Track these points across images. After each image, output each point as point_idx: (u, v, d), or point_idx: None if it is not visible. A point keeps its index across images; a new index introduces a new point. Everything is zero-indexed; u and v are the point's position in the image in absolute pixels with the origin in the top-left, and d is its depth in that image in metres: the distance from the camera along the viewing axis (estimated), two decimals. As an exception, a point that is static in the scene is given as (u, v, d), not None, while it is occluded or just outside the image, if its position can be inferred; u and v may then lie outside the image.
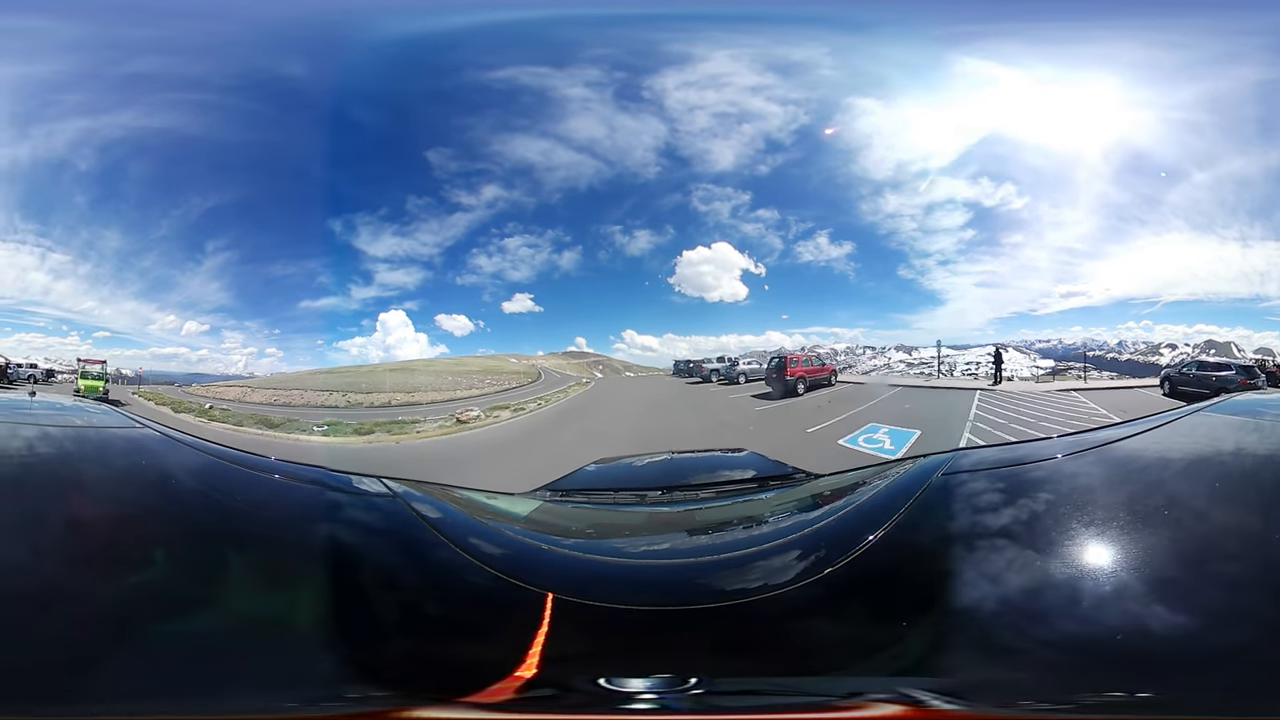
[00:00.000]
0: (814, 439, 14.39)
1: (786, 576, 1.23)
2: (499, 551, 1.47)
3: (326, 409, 15.73)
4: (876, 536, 1.28)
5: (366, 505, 1.64)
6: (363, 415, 15.21)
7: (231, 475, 1.71)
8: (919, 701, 0.91)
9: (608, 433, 14.73)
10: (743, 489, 2.13)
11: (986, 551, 1.19)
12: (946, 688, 0.93)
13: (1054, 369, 18.61)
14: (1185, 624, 0.99)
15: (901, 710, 0.90)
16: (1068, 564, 1.12)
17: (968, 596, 1.07)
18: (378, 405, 16.04)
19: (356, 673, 1.03)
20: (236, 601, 1.13)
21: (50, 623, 0.97)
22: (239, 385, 16.94)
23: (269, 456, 1.84)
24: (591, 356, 22.03)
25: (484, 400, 16.81)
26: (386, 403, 16.29)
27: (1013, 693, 0.94)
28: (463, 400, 17.02)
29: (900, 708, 0.91)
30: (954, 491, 1.50)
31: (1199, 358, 16.78)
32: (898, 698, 0.92)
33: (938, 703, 0.91)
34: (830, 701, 0.96)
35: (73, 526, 1.23)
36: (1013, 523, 1.30)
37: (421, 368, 18.12)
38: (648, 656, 1.06)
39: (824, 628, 1.12)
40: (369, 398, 16.36)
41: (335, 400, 16.32)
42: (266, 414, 15.32)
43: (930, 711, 0.90)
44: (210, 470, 1.70)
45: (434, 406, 16.21)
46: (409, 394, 16.74)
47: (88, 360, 15.95)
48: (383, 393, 16.54)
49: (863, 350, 19.58)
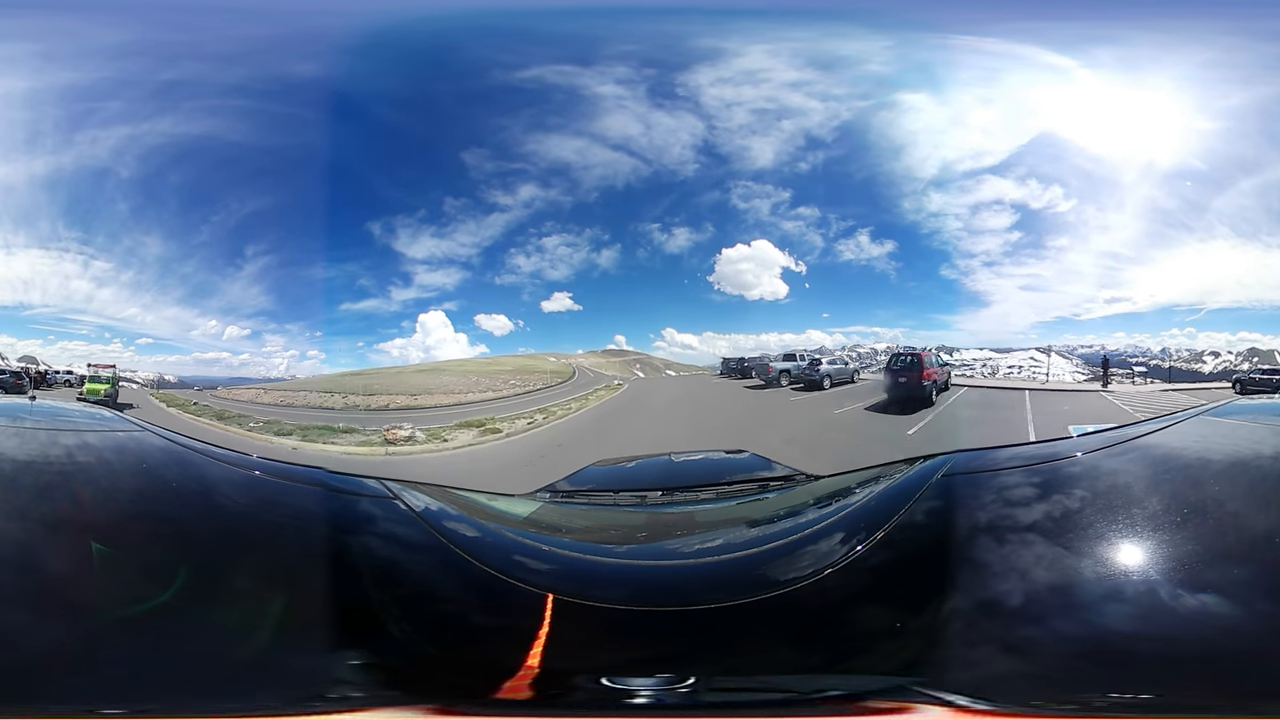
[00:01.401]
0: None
1: (786, 577, 1.23)
2: (499, 552, 1.47)
3: (320, 410, 15.70)
4: (876, 538, 1.28)
5: (366, 506, 1.64)
6: (348, 418, 15.07)
7: (232, 477, 1.72)
8: (917, 701, 0.91)
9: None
10: (743, 491, 2.13)
11: (986, 553, 1.19)
12: (945, 687, 0.93)
13: (1099, 374, 18.62)
14: (1185, 624, 0.99)
15: (899, 709, 0.90)
16: (1067, 564, 1.12)
17: (966, 597, 1.07)
18: (374, 409, 15.97)
19: (357, 673, 1.03)
20: (236, 602, 1.13)
21: (51, 622, 0.97)
22: (257, 388, 17.01)
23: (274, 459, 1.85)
24: (631, 355, 21.27)
25: (487, 408, 16.33)
26: (385, 406, 16.23)
27: (1011, 692, 0.94)
28: (470, 405, 16.65)
29: (898, 707, 0.91)
30: (954, 493, 1.50)
31: (1260, 365, 17.10)
32: (896, 697, 0.92)
33: (935, 702, 0.91)
34: (828, 701, 0.97)
35: (71, 527, 1.23)
36: (1013, 524, 1.31)
37: (452, 368, 18.09)
38: (647, 656, 1.06)
39: (823, 628, 1.13)
40: (367, 400, 16.31)
41: (335, 402, 16.30)
42: (254, 414, 15.34)
43: (928, 711, 0.90)
44: (211, 472, 1.70)
45: (428, 413, 15.94)
46: (413, 396, 16.66)
47: (99, 366, 16.15)
48: (384, 395, 16.48)
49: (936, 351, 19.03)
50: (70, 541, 1.18)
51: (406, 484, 1.74)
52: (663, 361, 21.10)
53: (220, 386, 17.40)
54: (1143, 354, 18.23)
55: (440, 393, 16.94)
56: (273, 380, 17.07)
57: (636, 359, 21.15)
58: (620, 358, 21.10)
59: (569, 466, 2.45)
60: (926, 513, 1.41)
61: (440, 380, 17.52)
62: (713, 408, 17.48)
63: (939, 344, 18.55)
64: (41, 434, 1.76)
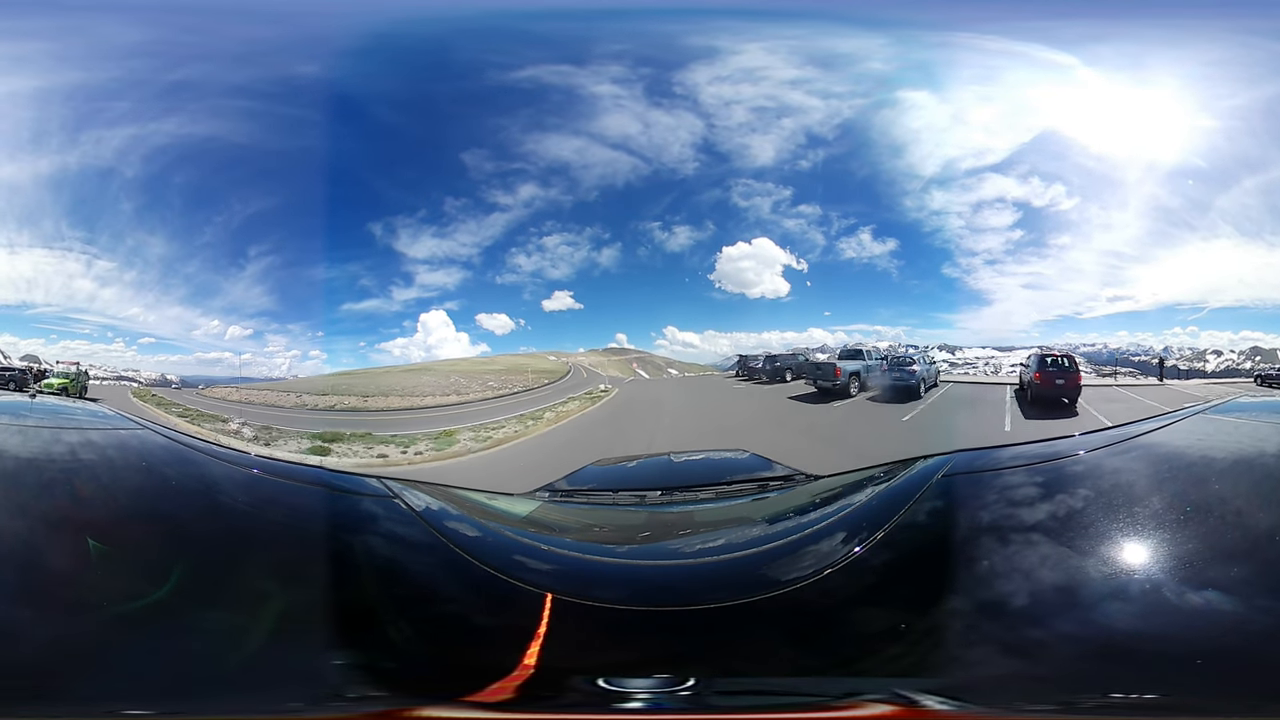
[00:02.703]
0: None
1: (786, 578, 1.23)
2: (499, 552, 1.47)
3: (270, 410, 15.73)
4: (877, 538, 1.28)
5: (367, 505, 1.65)
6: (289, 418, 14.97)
7: (232, 476, 1.72)
8: (915, 702, 0.91)
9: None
10: (743, 490, 2.13)
11: (986, 553, 1.19)
12: (944, 688, 0.93)
13: (1114, 371, 18.64)
14: (1189, 623, 0.98)
15: (897, 710, 0.90)
16: (1069, 564, 1.12)
17: (967, 598, 1.07)
18: (321, 409, 15.90)
19: (357, 673, 1.03)
20: (236, 601, 1.13)
21: (51, 622, 0.98)
22: (229, 388, 17.09)
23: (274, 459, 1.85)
24: (633, 353, 20.90)
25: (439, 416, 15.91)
26: (332, 407, 16.17)
27: (1011, 693, 0.94)
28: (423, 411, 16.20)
29: (897, 708, 0.91)
30: (954, 493, 1.50)
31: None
32: (895, 698, 0.92)
33: (934, 703, 0.91)
34: (827, 702, 0.97)
35: (71, 524, 1.23)
36: (1013, 524, 1.30)
37: (438, 368, 18.08)
38: (646, 656, 1.06)
39: (822, 629, 1.12)
40: (316, 400, 16.25)
41: (288, 401, 16.31)
42: (220, 412, 15.42)
43: (926, 712, 0.90)
44: (212, 471, 1.70)
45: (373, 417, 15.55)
46: (364, 399, 16.54)
47: (65, 364, 16.39)
48: (334, 395, 16.40)
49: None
50: (71, 539, 1.19)
51: (406, 483, 1.74)
52: (664, 360, 20.68)
53: (203, 385, 17.51)
54: (1145, 352, 18.21)
55: (397, 395, 16.76)
56: (275, 380, 17.13)
57: (638, 357, 20.87)
58: (622, 356, 20.86)
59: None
60: (927, 513, 1.41)
61: (419, 380, 17.46)
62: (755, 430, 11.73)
63: (940, 343, 18.47)
64: (43, 431, 1.76)
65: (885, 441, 10.59)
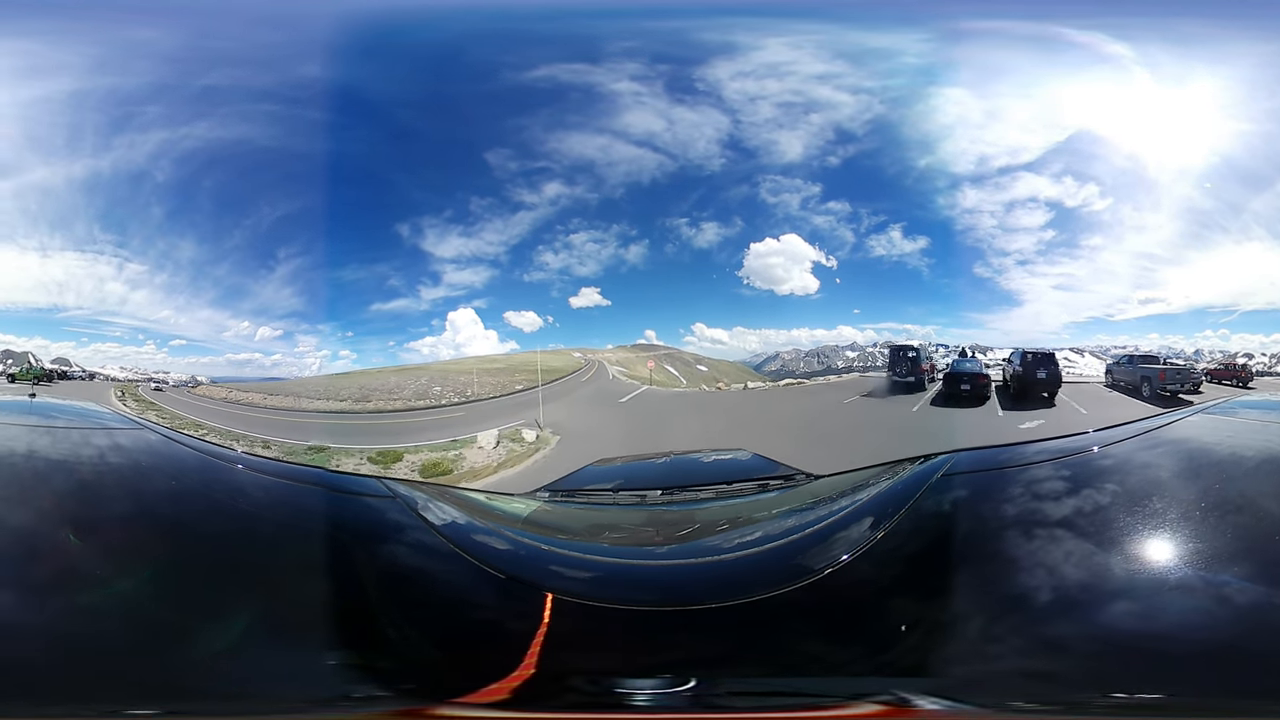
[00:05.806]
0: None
1: (786, 577, 1.22)
2: (499, 552, 1.47)
3: (246, 407, 15.74)
4: (876, 538, 1.28)
5: (366, 506, 1.64)
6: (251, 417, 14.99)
7: (231, 476, 1.72)
8: (915, 702, 0.91)
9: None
10: (744, 490, 2.12)
11: (986, 553, 1.19)
12: (945, 688, 0.93)
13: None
14: (1195, 622, 0.98)
15: (898, 710, 0.90)
16: (1067, 566, 1.12)
17: (967, 598, 1.07)
18: (295, 409, 15.89)
19: (357, 673, 1.03)
20: (236, 602, 1.13)
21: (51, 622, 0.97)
22: (219, 386, 17.12)
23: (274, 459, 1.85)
24: (662, 350, 20.45)
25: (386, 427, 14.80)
26: (289, 408, 16.20)
27: (1010, 694, 0.94)
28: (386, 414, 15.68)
29: (897, 708, 0.90)
30: (955, 493, 1.50)
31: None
32: (895, 698, 0.92)
33: (934, 704, 0.91)
34: (828, 702, 0.96)
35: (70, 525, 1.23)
36: (1013, 525, 1.30)
37: (433, 369, 18.07)
38: (647, 657, 1.06)
39: (823, 629, 1.12)
40: (299, 402, 16.25)
41: (275, 402, 16.33)
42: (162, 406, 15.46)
43: (927, 712, 0.90)
44: (210, 471, 1.70)
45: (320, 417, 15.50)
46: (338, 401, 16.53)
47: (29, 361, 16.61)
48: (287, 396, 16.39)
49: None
50: (70, 539, 1.18)
51: (405, 483, 1.74)
52: (693, 356, 20.33)
53: (192, 384, 17.58)
54: (1177, 355, 18.07)
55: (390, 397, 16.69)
56: (304, 380, 17.19)
57: (667, 353, 20.52)
58: (650, 352, 20.56)
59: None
60: (928, 512, 1.41)
61: (398, 381, 17.46)
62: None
63: (972, 343, 18.32)
64: (41, 430, 1.76)
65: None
